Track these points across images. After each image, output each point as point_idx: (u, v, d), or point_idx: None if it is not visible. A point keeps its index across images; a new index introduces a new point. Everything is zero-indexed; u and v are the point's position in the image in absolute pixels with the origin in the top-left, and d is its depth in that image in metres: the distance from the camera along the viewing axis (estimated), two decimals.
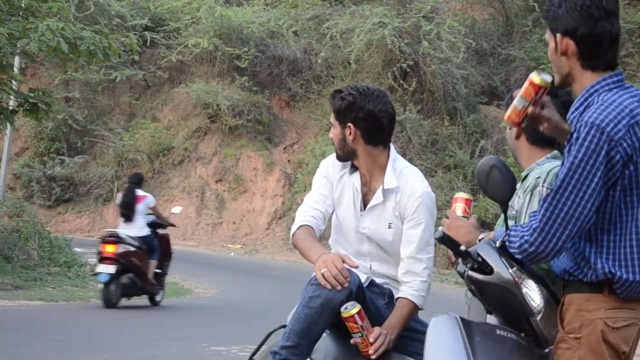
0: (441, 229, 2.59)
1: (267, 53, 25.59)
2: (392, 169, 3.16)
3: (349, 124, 3.16)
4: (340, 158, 3.26)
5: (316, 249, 3.04)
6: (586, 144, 2.17)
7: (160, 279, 11.03)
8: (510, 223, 2.53)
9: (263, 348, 3.29)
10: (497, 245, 2.38)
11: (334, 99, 3.22)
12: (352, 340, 2.95)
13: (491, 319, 2.46)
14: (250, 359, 3.35)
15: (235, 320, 10.53)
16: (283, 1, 25.52)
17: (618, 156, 2.18)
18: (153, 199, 11.09)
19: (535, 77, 2.36)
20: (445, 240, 2.49)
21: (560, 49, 2.29)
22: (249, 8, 26.06)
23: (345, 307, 2.88)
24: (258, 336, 3.33)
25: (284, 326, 3.08)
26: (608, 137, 2.17)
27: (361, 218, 3.21)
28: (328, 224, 3.31)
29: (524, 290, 2.34)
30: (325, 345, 3.07)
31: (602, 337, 2.21)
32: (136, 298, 11.11)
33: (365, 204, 3.22)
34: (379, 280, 3.19)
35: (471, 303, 2.65)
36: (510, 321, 2.43)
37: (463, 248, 2.43)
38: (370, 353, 2.93)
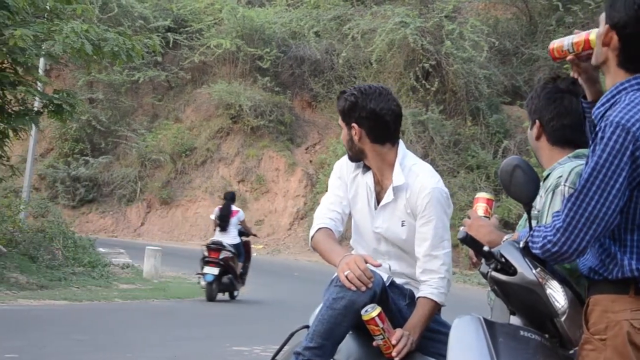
0: (463, 229, 2.57)
1: (289, 53, 25.64)
2: (400, 166, 3.14)
3: (354, 124, 3.16)
4: (351, 158, 3.26)
5: (337, 251, 3.04)
6: (611, 143, 2.14)
7: (243, 278, 12.77)
8: (533, 223, 2.51)
9: (286, 348, 3.29)
10: (521, 245, 2.36)
11: (338, 100, 3.24)
12: (375, 343, 2.93)
13: (515, 320, 2.44)
14: (272, 359, 3.36)
15: (258, 320, 10.58)
16: (305, 2, 25.53)
17: None
18: (243, 214, 13.18)
19: (592, 36, 2.36)
20: (468, 240, 2.47)
21: (603, 39, 2.27)
22: (271, 9, 26.12)
23: (365, 310, 2.86)
24: (280, 336, 3.33)
25: (307, 326, 3.08)
26: (634, 137, 2.14)
27: (375, 217, 3.20)
28: (347, 225, 3.30)
29: (548, 291, 2.32)
30: (348, 346, 3.06)
31: (628, 339, 2.19)
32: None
33: (379, 203, 3.20)
34: (399, 280, 3.18)
35: (494, 304, 2.63)
36: (533, 322, 2.40)
37: (486, 248, 2.41)
38: (394, 355, 2.91)
